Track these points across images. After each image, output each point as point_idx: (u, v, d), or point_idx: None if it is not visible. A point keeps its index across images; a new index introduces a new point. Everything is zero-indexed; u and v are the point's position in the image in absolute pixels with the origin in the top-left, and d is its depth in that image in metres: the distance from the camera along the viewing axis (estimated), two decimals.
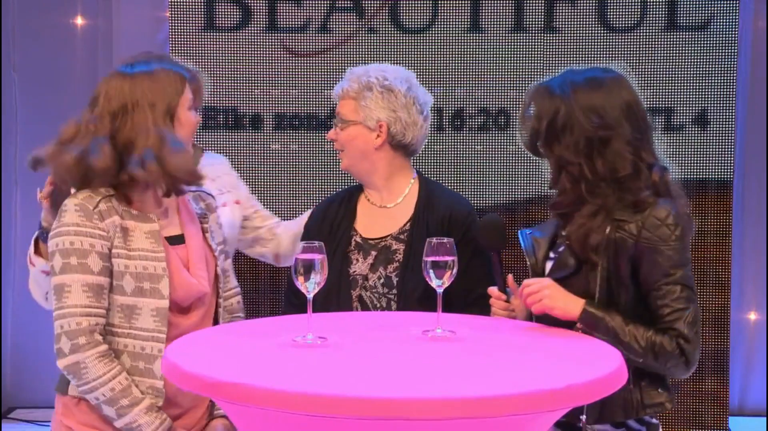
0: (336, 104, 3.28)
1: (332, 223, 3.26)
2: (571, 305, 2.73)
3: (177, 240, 2.91)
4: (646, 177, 2.78)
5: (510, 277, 2.89)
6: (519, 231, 2.98)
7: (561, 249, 2.87)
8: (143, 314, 2.81)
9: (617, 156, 2.74)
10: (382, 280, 3.16)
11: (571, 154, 2.76)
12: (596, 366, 2.38)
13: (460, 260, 2.88)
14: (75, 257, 2.75)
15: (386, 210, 3.26)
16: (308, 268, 2.53)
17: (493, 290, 2.91)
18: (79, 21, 5.55)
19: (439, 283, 2.63)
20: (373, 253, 3.19)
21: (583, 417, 2.78)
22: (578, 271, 2.78)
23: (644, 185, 2.76)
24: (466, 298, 3.08)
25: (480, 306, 2.99)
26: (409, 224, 3.20)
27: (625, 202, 2.75)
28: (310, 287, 2.54)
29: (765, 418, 5.32)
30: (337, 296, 3.15)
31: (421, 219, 3.19)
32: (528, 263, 2.93)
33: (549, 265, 2.89)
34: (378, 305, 3.16)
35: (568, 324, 2.76)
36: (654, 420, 2.81)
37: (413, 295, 3.08)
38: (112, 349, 2.80)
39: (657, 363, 2.71)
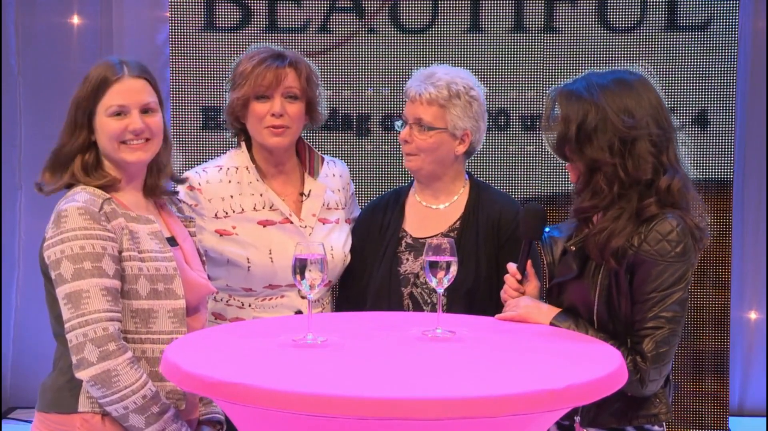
0: (407, 104, 3.23)
1: (380, 225, 3.31)
2: (542, 317, 2.79)
3: (170, 242, 2.83)
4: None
5: (530, 262, 2.91)
6: None
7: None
8: (160, 317, 2.71)
9: (641, 159, 2.70)
10: None
11: (605, 155, 2.70)
12: (596, 366, 2.38)
13: (506, 257, 3.00)
14: (89, 262, 2.61)
15: (437, 211, 3.30)
16: (303, 267, 2.52)
17: (511, 265, 2.91)
18: (80, 21, 5.55)
19: (436, 283, 2.64)
20: None
21: (578, 418, 2.78)
22: (579, 276, 2.77)
23: (653, 193, 2.72)
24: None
25: None
26: (459, 221, 3.25)
27: (639, 208, 2.71)
28: (305, 286, 2.54)
29: (765, 418, 5.32)
30: (387, 294, 3.21)
31: (471, 217, 3.24)
32: (545, 261, 2.91)
33: None
34: (428, 300, 3.21)
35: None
36: (656, 427, 2.78)
37: (461, 289, 3.10)
38: None
39: None
